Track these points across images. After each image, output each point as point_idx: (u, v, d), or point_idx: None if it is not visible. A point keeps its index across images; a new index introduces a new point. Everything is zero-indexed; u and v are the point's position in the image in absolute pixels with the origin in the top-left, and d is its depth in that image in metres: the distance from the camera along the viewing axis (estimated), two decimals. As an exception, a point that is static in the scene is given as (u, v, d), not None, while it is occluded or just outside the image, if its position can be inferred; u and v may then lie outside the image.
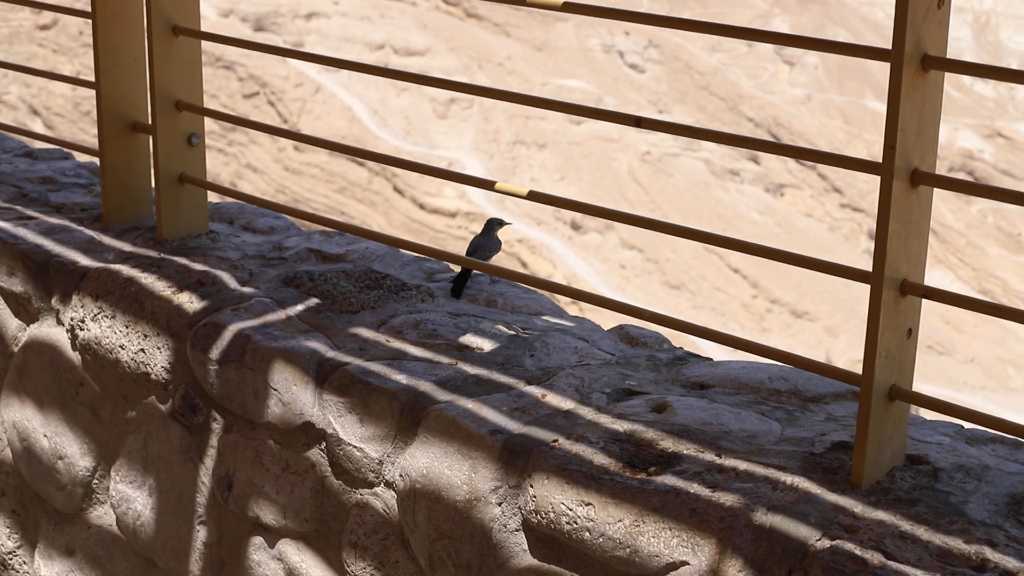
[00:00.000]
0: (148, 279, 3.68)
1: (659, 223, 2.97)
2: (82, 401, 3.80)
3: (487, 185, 3.21)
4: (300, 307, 3.50)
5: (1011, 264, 43.61)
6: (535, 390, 3.04)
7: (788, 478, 2.61)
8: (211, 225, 4.07)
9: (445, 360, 3.20)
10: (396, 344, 3.28)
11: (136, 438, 3.66)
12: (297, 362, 3.23)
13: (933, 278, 42.44)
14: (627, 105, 40.83)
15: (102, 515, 3.84)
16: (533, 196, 3.14)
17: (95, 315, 3.70)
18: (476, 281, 3.65)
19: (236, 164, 34.99)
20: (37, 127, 33.24)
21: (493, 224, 3.65)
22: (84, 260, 3.85)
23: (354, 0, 40.88)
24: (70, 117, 34.83)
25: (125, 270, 3.74)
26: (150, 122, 3.92)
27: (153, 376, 3.57)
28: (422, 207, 36.10)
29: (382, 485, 3.07)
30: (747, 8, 47.47)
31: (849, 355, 37.68)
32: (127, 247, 3.93)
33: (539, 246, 36.65)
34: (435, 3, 42.38)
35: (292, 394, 3.21)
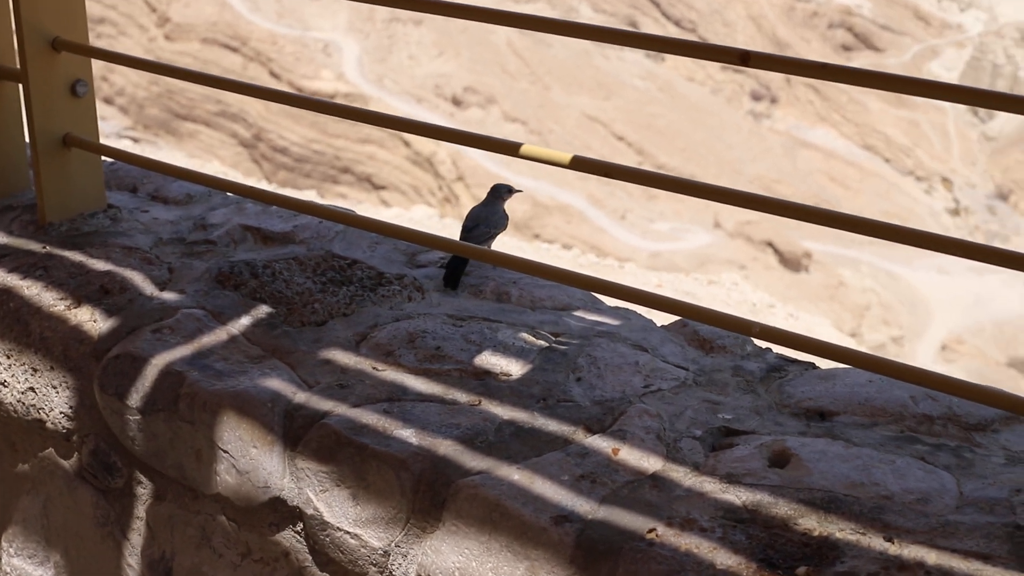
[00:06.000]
0: (32, 288, 2.70)
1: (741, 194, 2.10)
2: (-46, 450, 2.84)
3: (512, 150, 2.27)
4: (245, 320, 2.55)
5: (892, 119, 43.36)
6: (602, 442, 2.15)
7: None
8: (109, 196, 3.09)
9: (463, 397, 2.29)
10: (389, 374, 2.36)
11: (33, 501, 2.71)
12: (254, 413, 2.29)
13: (816, 136, 42.18)
14: (503, -25, 39.54)
15: (-8, 592, 2.91)
16: (576, 164, 2.21)
17: (-38, 340, 2.72)
18: (477, 264, 2.73)
19: (103, 59, 33.27)
20: None
21: (499, 192, 2.72)
22: (-58, 262, 2.86)
23: None
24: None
25: (0, 276, 2.76)
26: (18, 66, 2.92)
27: (49, 424, 2.61)
28: (300, 91, 34.75)
29: (389, 582, 2.18)
30: None
31: (737, 217, 37.21)
32: (0, 238, 2.94)
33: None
34: None
35: (251, 459, 2.28)
